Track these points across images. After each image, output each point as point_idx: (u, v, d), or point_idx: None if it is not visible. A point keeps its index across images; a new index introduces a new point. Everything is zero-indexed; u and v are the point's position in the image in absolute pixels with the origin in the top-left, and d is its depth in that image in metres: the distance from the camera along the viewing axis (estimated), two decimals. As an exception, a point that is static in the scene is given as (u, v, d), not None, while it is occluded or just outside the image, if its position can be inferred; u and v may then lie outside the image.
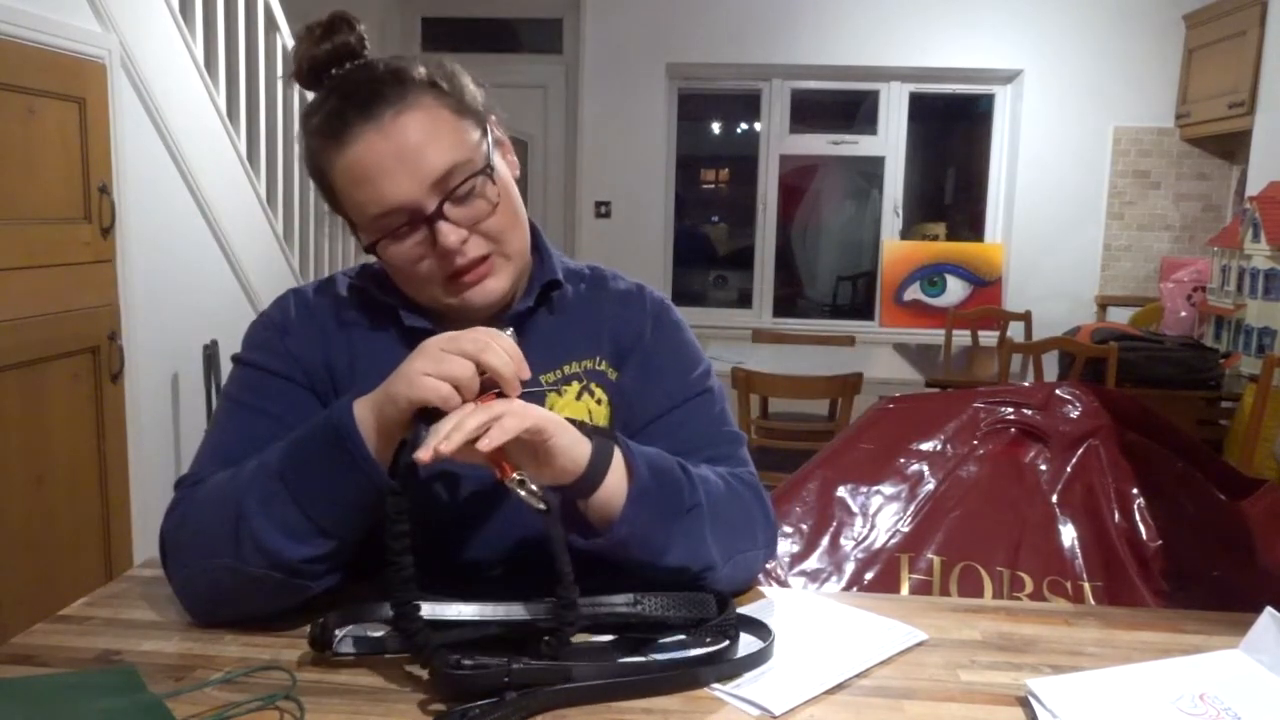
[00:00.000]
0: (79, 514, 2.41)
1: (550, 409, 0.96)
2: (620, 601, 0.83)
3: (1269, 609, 0.82)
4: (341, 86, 0.92)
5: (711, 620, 0.85)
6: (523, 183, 1.00)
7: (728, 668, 0.79)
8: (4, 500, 2.16)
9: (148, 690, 0.73)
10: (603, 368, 1.02)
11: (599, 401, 1.00)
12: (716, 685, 0.77)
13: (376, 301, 1.00)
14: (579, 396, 0.99)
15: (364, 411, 0.82)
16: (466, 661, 0.72)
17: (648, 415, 1.00)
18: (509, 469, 0.76)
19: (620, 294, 1.06)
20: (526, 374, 0.81)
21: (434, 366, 0.79)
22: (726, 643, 0.82)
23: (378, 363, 0.96)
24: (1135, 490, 1.20)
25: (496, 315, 0.98)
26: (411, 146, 0.88)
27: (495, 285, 0.94)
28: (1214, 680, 0.77)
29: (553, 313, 1.02)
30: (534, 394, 0.83)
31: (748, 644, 0.84)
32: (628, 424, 1.00)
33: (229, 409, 0.96)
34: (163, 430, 2.83)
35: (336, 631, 0.81)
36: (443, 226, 0.89)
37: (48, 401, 2.30)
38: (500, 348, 0.80)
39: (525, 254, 0.99)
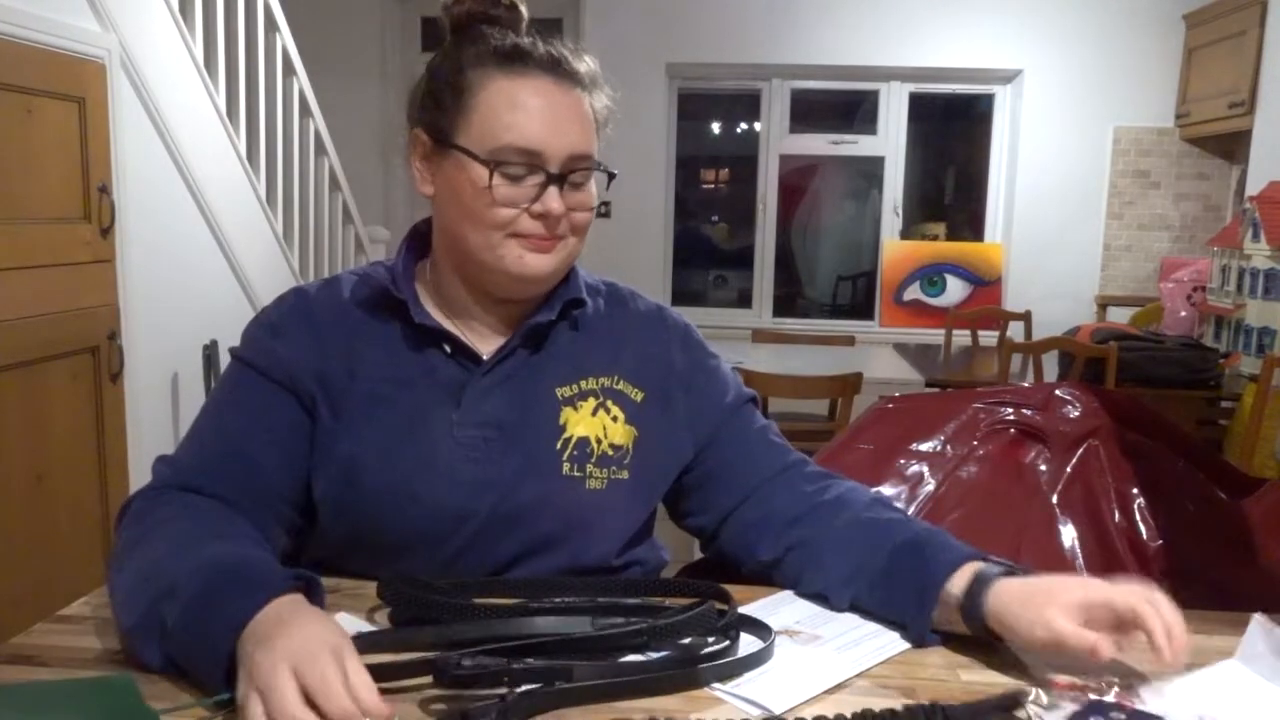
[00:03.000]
0: (79, 514, 2.41)
1: (564, 424, 0.98)
2: (632, 628, 0.82)
3: (1256, 616, 0.82)
4: (525, 34, 0.97)
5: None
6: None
7: (728, 668, 0.79)
8: (4, 500, 2.16)
9: (143, 702, 0.71)
10: (620, 387, 1.03)
11: (615, 419, 1.01)
12: (717, 685, 0.77)
13: (384, 300, 1.00)
14: (594, 413, 1.00)
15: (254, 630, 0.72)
16: (467, 661, 0.72)
17: (709, 427, 1.06)
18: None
19: (641, 315, 1.09)
20: (377, 711, 0.67)
21: (267, 688, 0.66)
22: (727, 643, 0.82)
23: (379, 363, 0.97)
24: (1135, 490, 1.20)
25: (513, 322, 1.00)
26: (573, 116, 0.95)
27: (549, 261, 0.97)
28: (1210, 698, 0.76)
29: (573, 328, 1.03)
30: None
31: (748, 644, 0.83)
32: (676, 437, 1.04)
33: (215, 402, 1.00)
34: (163, 430, 2.82)
35: None
36: (553, 191, 0.94)
37: (48, 401, 2.30)
38: (343, 693, 0.66)
39: (576, 257, 1.03)
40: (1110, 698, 0.74)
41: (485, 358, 0.99)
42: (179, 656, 0.76)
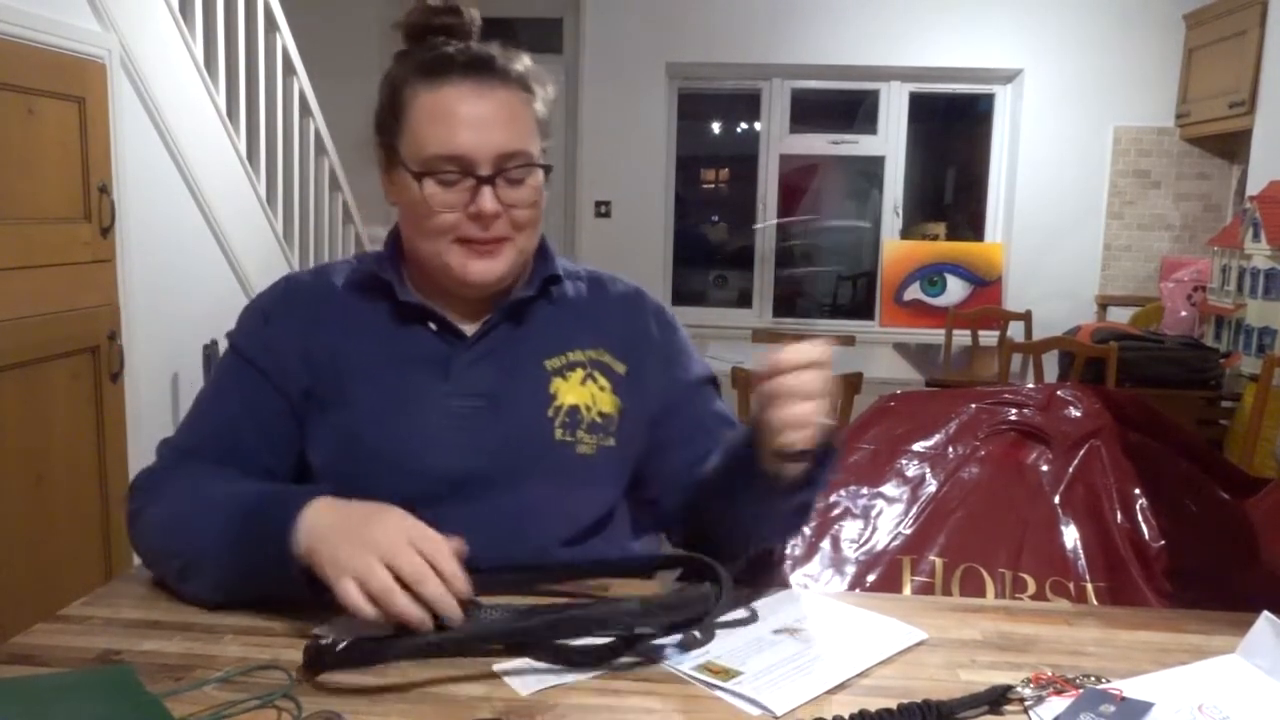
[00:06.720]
0: (79, 514, 2.41)
1: (555, 393, 1.03)
2: (621, 613, 0.83)
3: (1265, 613, 0.82)
4: (454, 42, 1.00)
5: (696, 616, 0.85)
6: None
7: (664, 615, 0.82)
8: (4, 500, 2.16)
9: (145, 690, 0.72)
10: (606, 359, 1.07)
11: (602, 389, 1.05)
12: (717, 686, 0.77)
13: (372, 282, 1.05)
14: (583, 382, 1.04)
15: (310, 524, 0.85)
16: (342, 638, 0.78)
17: (670, 396, 1.09)
18: None
19: (620, 295, 1.13)
20: (465, 592, 0.81)
21: (364, 575, 0.80)
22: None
23: (369, 342, 1.03)
24: (1137, 490, 1.20)
25: (492, 300, 1.04)
26: (498, 117, 0.97)
27: (496, 266, 1.00)
28: (1211, 689, 0.77)
29: (552, 303, 1.08)
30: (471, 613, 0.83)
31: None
32: (648, 408, 1.07)
33: (213, 387, 1.07)
34: (162, 430, 2.79)
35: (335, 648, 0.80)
36: (486, 191, 0.96)
37: (48, 401, 2.29)
38: (436, 579, 0.80)
39: (529, 254, 1.05)
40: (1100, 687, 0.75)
41: (469, 334, 1.04)
42: (238, 581, 0.87)
